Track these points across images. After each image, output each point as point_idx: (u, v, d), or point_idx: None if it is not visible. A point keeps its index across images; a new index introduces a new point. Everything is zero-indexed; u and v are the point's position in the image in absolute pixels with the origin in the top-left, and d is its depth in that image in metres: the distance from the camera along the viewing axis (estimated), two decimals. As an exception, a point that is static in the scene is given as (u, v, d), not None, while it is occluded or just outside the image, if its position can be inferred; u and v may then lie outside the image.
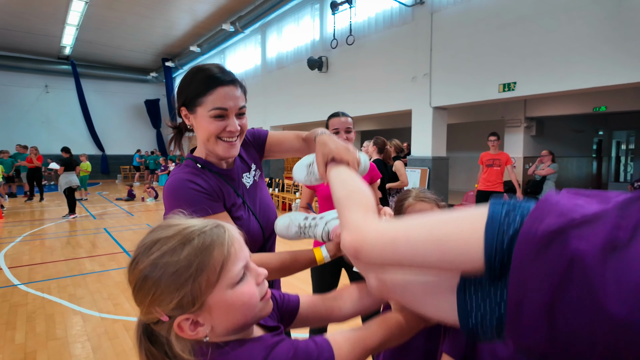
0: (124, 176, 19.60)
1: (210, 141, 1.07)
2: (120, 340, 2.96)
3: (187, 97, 1.06)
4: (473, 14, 6.49)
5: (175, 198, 1.03)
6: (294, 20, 10.68)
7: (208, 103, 1.03)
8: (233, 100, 1.05)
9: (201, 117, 1.05)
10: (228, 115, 1.05)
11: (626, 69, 4.82)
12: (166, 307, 0.60)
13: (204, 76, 1.03)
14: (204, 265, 0.60)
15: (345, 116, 2.19)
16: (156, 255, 0.60)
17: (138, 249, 0.63)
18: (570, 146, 10.59)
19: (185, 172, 1.08)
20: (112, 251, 5.69)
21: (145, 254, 0.61)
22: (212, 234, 0.62)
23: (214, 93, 1.02)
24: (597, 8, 5.04)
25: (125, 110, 20.20)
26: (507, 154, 5.88)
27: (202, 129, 1.06)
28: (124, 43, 15.36)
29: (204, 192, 1.05)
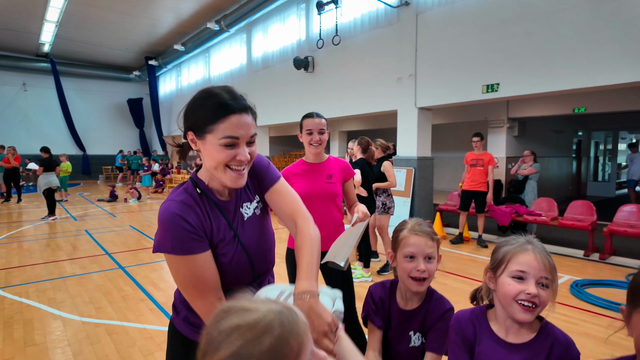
0: (106, 177, 19.22)
1: (218, 169, 1.04)
2: (102, 344, 2.89)
3: (195, 122, 1.03)
4: (457, 16, 6.57)
5: (163, 230, 1.03)
6: (280, 20, 10.63)
7: (219, 131, 1.00)
8: (244, 128, 1.02)
9: (210, 145, 1.02)
10: (239, 143, 1.03)
11: (605, 71, 4.95)
12: None
13: (215, 103, 1.00)
14: (284, 356, 0.60)
15: (319, 117, 2.20)
16: (239, 345, 0.59)
17: (215, 332, 0.61)
18: (551, 146, 10.83)
19: (179, 203, 1.05)
20: (93, 253, 5.56)
21: (226, 342, 0.59)
22: (289, 322, 0.62)
23: (226, 121, 1.00)
24: (576, 12, 5.16)
25: (107, 109, 19.80)
26: (491, 154, 5.98)
27: (210, 157, 1.04)
28: (105, 41, 15.04)
29: (192, 231, 1.03)
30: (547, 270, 1.02)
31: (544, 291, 1.01)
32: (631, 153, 9.34)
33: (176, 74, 17.51)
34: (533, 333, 1.07)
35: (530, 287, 1.01)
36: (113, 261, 5.17)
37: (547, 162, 10.46)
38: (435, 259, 1.28)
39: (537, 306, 1.01)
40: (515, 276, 1.04)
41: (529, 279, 1.02)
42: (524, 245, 1.06)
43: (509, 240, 1.10)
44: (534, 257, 1.02)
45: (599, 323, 3.23)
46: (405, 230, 1.30)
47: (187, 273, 1.03)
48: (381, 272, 4.59)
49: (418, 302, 1.33)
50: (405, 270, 1.27)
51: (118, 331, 3.11)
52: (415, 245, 1.25)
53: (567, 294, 3.90)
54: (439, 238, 1.31)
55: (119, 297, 3.87)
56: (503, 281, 1.05)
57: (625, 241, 5.91)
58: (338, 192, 2.22)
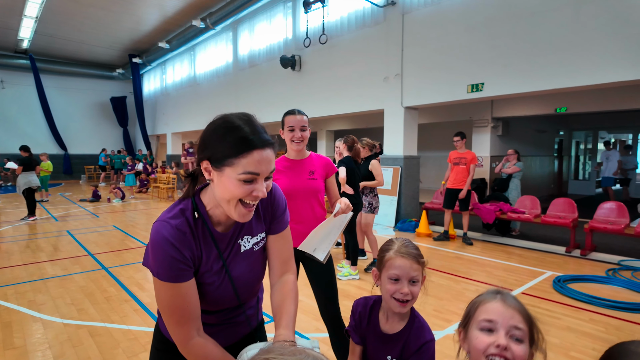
0: (89, 176, 18.83)
1: (230, 203, 1.02)
2: (85, 347, 2.82)
3: (214, 153, 0.99)
4: (443, 16, 6.64)
5: (153, 251, 1.01)
6: (266, 18, 10.58)
7: (239, 166, 0.97)
8: (266, 164, 1.00)
9: (228, 178, 0.99)
10: (258, 179, 1.00)
11: (586, 71, 5.06)
12: None
13: (237, 137, 0.97)
14: None
15: (301, 114, 2.20)
16: None
17: None
18: (533, 145, 11.04)
19: (173, 228, 1.02)
20: (75, 254, 5.44)
21: None
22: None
23: (248, 157, 0.97)
24: (559, 14, 5.27)
25: (90, 107, 19.39)
26: (474, 153, 6.06)
27: (225, 190, 1.00)
28: (87, 38, 14.72)
29: (181, 260, 1.01)
30: (520, 319, 0.90)
31: (517, 346, 0.88)
32: (606, 151, 9.60)
33: (161, 72, 17.26)
34: None
35: (500, 338, 0.88)
36: (96, 262, 5.06)
37: (530, 161, 10.66)
38: (419, 281, 1.26)
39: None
40: (483, 328, 0.92)
41: (499, 329, 0.90)
42: (493, 295, 0.96)
43: (480, 294, 1.00)
44: (502, 305, 0.92)
45: (580, 317, 3.31)
46: (391, 252, 1.28)
47: (168, 298, 1.02)
48: (368, 270, 4.60)
49: (400, 325, 1.31)
50: (388, 292, 1.26)
51: (101, 333, 3.05)
52: (401, 268, 1.24)
53: (549, 289, 3.97)
54: (424, 260, 1.29)
55: (102, 298, 3.79)
56: (471, 335, 0.94)
57: (605, 237, 6.06)
58: (320, 189, 2.22)
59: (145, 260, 1.05)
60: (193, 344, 1.03)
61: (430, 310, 3.33)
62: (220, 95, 12.95)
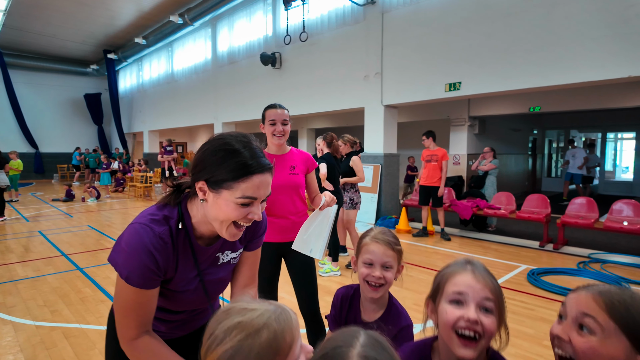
0: (62, 176, 18.21)
1: (223, 223, 1.01)
2: (59, 349, 2.74)
3: (213, 176, 0.98)
4: (421, 16, 6.73)
5: (127, 254, 0.98)
6: (246, 15, 10.47)
7: (238, 190, 0.97)
8: (264, 188, 1.01)
9: (225, 201, 0.98)
10: (255, 203, 1.00)
11: (558, 71, 5.24)
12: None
13: (237, 162, 0.97)
14: (279, 348, 0.67)
15: (282, 108, 2.21)
16: (240, 339, 0.67)
17: (220, 331, 0.69)
18: (509, 144, 11.34)
19: (156, 236, 1.00)
20: (48, 255, 5.26)
21: (229, 337, 0.68)
22: (284, 319, 0.71)
23: (247, 181, 0.97)
24: (531, 15, 5.43)
25: (62, 104, 18.74)
26: (444, 150, 6.19)
27: (220, 211, 0.99)
28: (59, 32, 14.21)
29: (155, 271, 1.00)
30: (490, 290, 0.87)
31: (487, 317, 0.85)
32: (571, 149, 9.94)
33: (137, 68, 16.85)
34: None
35: (470, 311, 0.85)
36: (70, 262, 4.91)
37: (505, 159, 10.95)
38: (393, 268, 1.28)
39: (480, 337, 0.84)
40: (452, 300, 0.88)
41: (469, 302, 0.86)
42: (463, 265, 0.92)
43: (449, 264, 0.97)
44: (472, 276, 0.88)
45: (553, 308, 3.43)
46: (367, 238, 1.31)
47: (130, 302, 1.00)
48: (350, 266, 4.64)
49: (378, 313, 1.33)
50: (362, 275, 1.29)
51: (76, 334, 2.96)
52: (374, 253, 1.27)
53: (524, 282, 4.10)
54: (401, 249, 1.32)
55: (77, 299, 3.68)
56: (441, 309, 0.90)
57: (576, 232, 6.29)
58: (301, 184, 2.23)
59: (114, 258, 1.01)
60: (138, 341, 1.02)
61: (409, 304, 3.39)
62: (198, 93, 12.75)
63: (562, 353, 0.78)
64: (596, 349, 0.73)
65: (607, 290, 0.77)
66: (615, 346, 0.72)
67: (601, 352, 0.73)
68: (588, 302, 0.76)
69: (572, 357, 0.76)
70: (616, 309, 0.73)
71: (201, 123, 13.02)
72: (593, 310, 0.75)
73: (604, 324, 0.73)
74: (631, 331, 0.71)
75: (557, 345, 0.80)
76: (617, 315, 0.73)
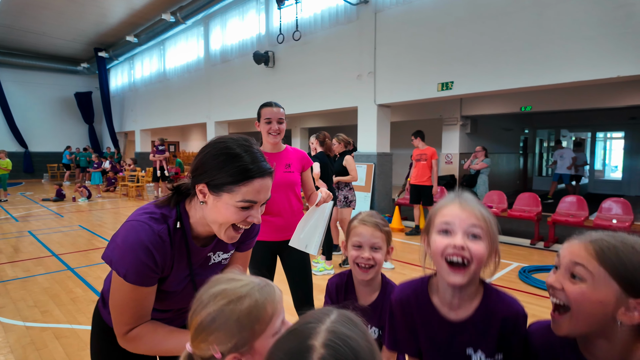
0: (52, 175, 17.99)
1: (222, 226, 1.02)
2: (49, 349, 2.71)
3: (213, 179, 0.99)
4: (414, 15, 6.76)
5: (124, 252, 0.98)
6: (239, 14, 10.43)
7: (239, 194, 0.97)
8: (264, 192, 1.01)
9: (225, 204, 0.99)
10: (254, 206, 1.01)
11: (548, 71, 5.29)
12: (224, 346, 0.72)
13: (239, 167, 0.97)
14: (259, 316, 0.72)
15: (278, 107, 2.21)
16: (223, 304, 0.73)
17: (206, 296, 0.75)
18: (500, 143, 11.44)
19: (155, 235, 1.00)
20: (38, 255, 5.20)
21: (213, 302, 0.73)
22: (267, 292, 0.76)
23: (248, 185, 0.97)
24: (523, 16, 5.47)
25: (53, 103, 18.51)
26: (434, 149, 6.23)
27: (220, 214, 1.00)
28: (49, 30, 14.02)
29: (153, 269, 1.00)
30: (476, 218, 0.90)
31: (474, 243, 0.89)
32: (559, 149, 10.06)
33: (129, 66, 16.70)
34: (477, 301, 0.96)
35: (457, 238, 0.89)
36: (61, 262, 4.86)
37: (496, 158, 11.04)
38: (382, 249, 1.29)
39: (469, 262, 0.89)
40: (441, 230, 0.92)
41: (455, 230, 0.90)
42: (451, 198, 0.96)
43: (440, 199, 1.01)
44: (459, 207, 0.92)
45: (544, 305, 3.47)
46: (355, 221, 1.33)
47: (127, 299, 1.01)
48: (344, 264, 4.65)
49: (374, 295, 1.35)
50: (352, 258, 1.30)
51: (67, 335, 2.93)
52: (362, 235, 1.28)
53: (515, 280, 4.14)
54: (389, 230, 1.33)
55: (68, 299, 3.65)
56: (432, 240, 0.95)
57: (566, 230, 6.36)
58: (297, 181, 2.23)
59: (108, 256, 1.00)
60: (133, 331, 1.03)
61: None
62: (191, 91, 12.67)
63: (556, 301, 0.82)
64: (587, 294, 0.76)
65: (599, 238, 0.80)
66: (606, 291, 0.75)
67: (592, 297, 0.76)
68: (579, 251, 0.79)
69: (566, 303, 0.80)
70: (606, 255, 0.76)
71: (194, 122, 12.95)
72: (583, 258, 0.78)
73: (594, 271, 0.76)
74: (621, 276, 0.74)
75: (552, 293, 0.84)
76: (607, 262, 0.75)
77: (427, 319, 1.00)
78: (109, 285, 1.18)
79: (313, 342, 0.50)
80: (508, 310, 0.94)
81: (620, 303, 0.75)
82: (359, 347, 0.50)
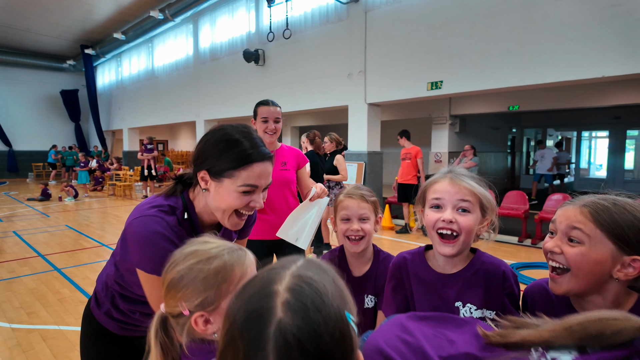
0: (37, 174, 17.66)
1: (225, 212, 1.03)
2: (36, 351, 2.67)
3: (214, 166, 1.00)
4: (403, 15, 6.79)
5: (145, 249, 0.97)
6: (228, 11, 10.35)
7: (239, 179, 0.99)
8: (265, 177, 1.03)
9: (226, 190, 1.00)
10: (256, 191, 1.03)
11: (535, 71, 5.37)
12: (191, 303, 0.75)
13: (238, 152, 0.99)
14: (227, 277, 0.76)
15: (275, 105, 2.21)
16: (193, 261, 0.76)
17: (178, 255, 0.79)
18: (488, 142, 11.58)
19: (167, 226, 1.00)
20: (23, 256, 5.10)
21: (184, 261, 0.77)
22: (237, 255, 0.79)
23: (248, 169, 0.99)
24: (511, 16, 5.54)
25: (38, 101, 18.14)
26: (418, 147, 6.29)
27: (222, 200, 1.02)
28: (34, 26, 13.74)
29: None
30: (465, 193, 0.96)
31: (463, 216, 0.96)
32: (540, 149, 10.20)
33: (116, 64, 16.45)
34: (467, 262, 1.04)
35: (446, 212, 0.96)
36: (47, 263, 4.78)
37: (485, 157, 11.17)
38: (370, 219, 1.31)
39: (458, 234, 0.96)
40: (432, 205, 0.99)
41: (446, 205, 0.97)
42: (443, 174, 1.02)
43: (434, 174, 1.07)
44: (449, 183, 0.98)
45: (531, 301, 3.53)
46: (341, 196, 1.35)
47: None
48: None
49: (367, 265, 1.37)
50: (341, 232, 1.32)
51: (55, 336, 2.89)
52: (349, 208, 1.30)
53: (504, 277, 4.21)
54: (375, 200, 1.35)
55: (55, 300, 3.59)
56: (425, 214, 1.02)
57: (552, 228, 6.48)
58: (292, 179, 2.24)
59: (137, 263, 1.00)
60: None
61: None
62: (180, 89, 12.54)
63: (555, 264, 0.87)
64: (586, 254, 0.81)
65: (592, 201, 0.85)
66: (602, 250, 0.80)
67: (590, 257, 0.81)
68: (575, 215, 0.83)
69: (566, 266, 0.84)
70: (601, 217, 0.81)
71: (182, 120, 12.82)
72: (580, 222, 0.82)
73: (591, 233, 0.81)
74: (616, 235, 0.79)
75: (550, 258, 0.88)
76: (602, 223, 0.80)
77: (420, 275, 1.06)
78: (103, 286, 1.16)
79: (277, 286, 0.47)
80: (494, 267, 1.02)
81: (616, 261, 0.80)
82: (325, 290, 0.48)
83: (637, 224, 0.79)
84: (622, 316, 0.63)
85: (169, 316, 0.79)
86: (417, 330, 0.75)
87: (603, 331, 0.61)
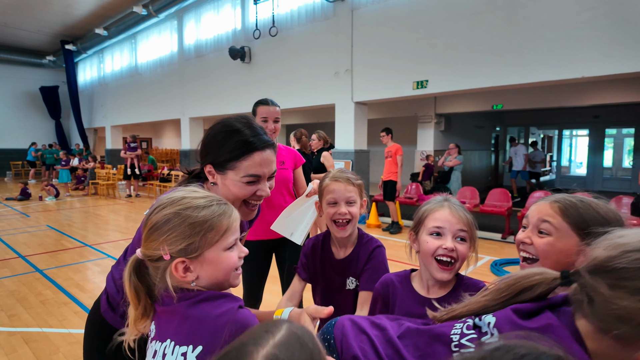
0: (16, 173, 17.18)
1: (235, 204, 1.02)
2: (19, 354, 2.61)
3: (217, 157, 1.01)
4: (389, 14, 6.83)
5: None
6: (214, 8, 10.24)
7: (241, 169, 1.00)
8: (267, 166, 1.03)
9: (231, 181, 1.01)
10: (260, 180, 1.03)
11: (518, 71, 5.48)
12: (174, 248, 0.75)
13: (238, 141, 0.99)
14: (213, 226, 0.77)
15: (274, 105, 2.21)
16: (181, 207, 0.77)
17: (165, 199, 0.79)
18: (472, 140, 11.76)
19: None
20: (3, 257, 4.97)
21: (172, 204, 0.77)
22: (225, 208, 0.80)
23: (249, 159, 0.99)
24: (494, 17, 5.64)
25: (16, 98, 17.63)
26: (399, 145, 6.37)
27: (229, 192, 1.02)
28: (11, 20, 13.33)
29: None
30: (464, 223, 1.04)
31: (461, 245, 1.03)
32: (513, 147, 10.40)
33: (98, 60, 16.09)
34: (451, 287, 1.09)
35: (447, 241, 1.02)
36: (28, 264, 4.66)
37: (469, 155, 11.34)
38: (356, 203, 1.31)
39: (455, 261, 1.03)
40: (433, 232, 1.04)
41: (446, 233, 1.03)
42: (440, 203, 1.08)
43: (429, 201, 1.12)
44: (449, 212, 1.04)
45: (514, 296, 3.61)
46: (327, 179, 1.34)
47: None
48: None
49: (350, 249, 1.37)
50: (328, 215, 1.31)
51: (37, 339, 2.83)
52: (336, 191, 1.29)
53: (487, 272, 4.29)
54: (361, 183, 1.35)
55: (37, 302, 3.51)
56: (422, 240, 1.06)
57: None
58: (290, 178, 2.26)
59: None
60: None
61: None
62: (164, 87, 12.35)
63: (526, 255, 0.95)
64: (553, 244, 0.89)
65: (561, 197, 0.93)
66: (568, 241, 0.88)
67: (557, 247, 0.89)
68: (546, 209, 0.92)
69: (535, 256, 0.92)
70: (568, 211, 0.89)
71: (167, 118, 12.64)
72: (549, 215, 0.91)
73: (558, 225, 0.89)
74: (580, 228, 0.87)
75: (521, 249, 0.97)
76: (569, 216, 0.88)
77: (407, 299, 1.10)
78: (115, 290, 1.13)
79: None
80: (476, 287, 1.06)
81: (580, 252, 0.86)
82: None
83: (600, 219, 0.86)
84: (540, 271, 0.72)
85: (146, 260, 0.78)
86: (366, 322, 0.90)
87: (524, 286, 0.70)
